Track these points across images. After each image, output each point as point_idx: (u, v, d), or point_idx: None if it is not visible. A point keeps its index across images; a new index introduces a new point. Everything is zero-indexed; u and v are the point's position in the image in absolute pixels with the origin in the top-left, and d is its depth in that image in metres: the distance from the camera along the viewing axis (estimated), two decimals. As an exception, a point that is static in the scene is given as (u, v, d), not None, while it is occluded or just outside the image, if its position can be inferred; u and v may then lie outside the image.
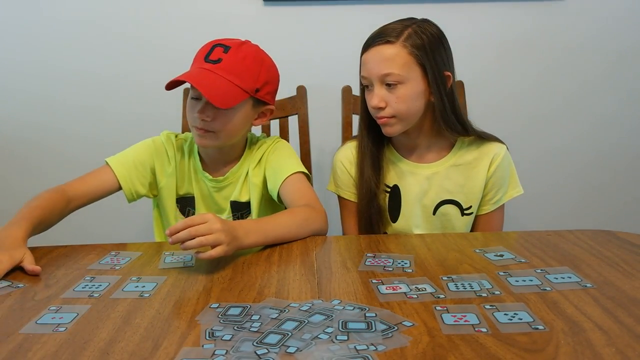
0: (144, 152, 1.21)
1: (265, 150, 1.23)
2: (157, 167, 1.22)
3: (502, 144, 1.22)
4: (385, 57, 1.10)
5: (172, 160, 1.22)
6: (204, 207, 1.24)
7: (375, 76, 1.12)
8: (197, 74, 1.08)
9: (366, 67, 1.13)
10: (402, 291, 0.79)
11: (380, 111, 1.13)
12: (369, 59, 1.13)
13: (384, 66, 1.10)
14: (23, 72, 1.77)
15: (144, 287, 0.83)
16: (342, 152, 1.26)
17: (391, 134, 1.16)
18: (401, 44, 1.10)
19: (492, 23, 1.76)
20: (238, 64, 1.10)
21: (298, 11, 1.75)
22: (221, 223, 0.87)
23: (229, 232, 0.88)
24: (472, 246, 0.98)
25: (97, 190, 1.15)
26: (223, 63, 1.08)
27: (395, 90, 1.11)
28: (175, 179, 1.23)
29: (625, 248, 0.95)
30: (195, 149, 1.24)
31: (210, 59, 1.10)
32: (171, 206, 1.24)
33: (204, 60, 1.10)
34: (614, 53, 1.81)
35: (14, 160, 1.84)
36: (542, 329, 0.67)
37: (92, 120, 1.81)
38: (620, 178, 1.91)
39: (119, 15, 1.74)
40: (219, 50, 1.10)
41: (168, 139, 1.24)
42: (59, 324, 0.72)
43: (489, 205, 1.23)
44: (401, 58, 1.10)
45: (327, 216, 1.09)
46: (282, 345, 0.64)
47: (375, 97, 1.12)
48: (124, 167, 1.18)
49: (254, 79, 1.11)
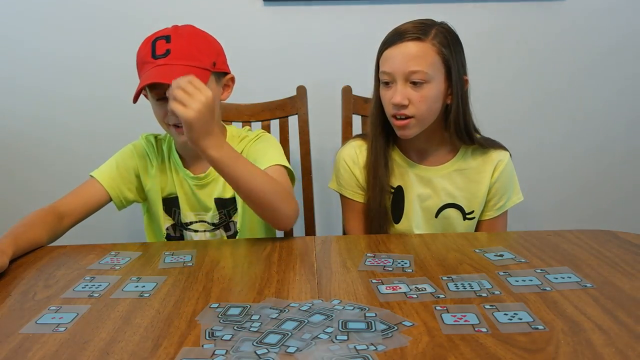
0: (126, 158, 1.21)
1: (247, 143, 1.21)
2: (140, 170, 1.21)
3: (506, 151, 1.22)
4: (413, 54, 1.08)
5: (153, 162, 1.21)
6: (188, 207, 1.22)
7: (400, 72, 1.09)
8: (155, 73, 1.04)
9: (391, 63, 1.10)
10: (402, 291, 0.79)
11: (402, 109, 1.10)
12: (395, 54, 1.10)
13: (412, 63, 1.08)
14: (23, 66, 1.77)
15: (144, 287, 0.83)
16: (345, 151, 1.26)
17: (407, 136, 1.14)
18: (430, 42, 1.09)
19: (491, 23, 1.76)
20: (187, 47, 1.07)
21: (298, 11, 1.75)
22: (206, 105, 0.91)
23: (205, 117, 0.91)
24: (472, 246, 0.98)
25: (88, 204, 1.14)
26: (173, 52, 1.05)
27: (420, 89, 1.09)
28: (159, 180, 1.22)
29: (626, 248, 0.95)
30: (173, 147, 1.22)
31: (158, 54, 1.06)
32: (159, 210, 1.23)
33: (152, 59, 1.06)
34: (614, 53, 1.80)
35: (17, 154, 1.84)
36: (542, 329, 0.67)
37: (94, 116, 1.81)
38: (621, 178, 1.90)
39: (119, 15, 1.73)
40: (162, 43, 1.07)
41: (148, 141, 1.23)
42: (59, 324, 0.72)
43: (493, 211, 1.23)
44: (430, 56, 1.08)
45: (297, 212, 1.05)
46: (282, 345, 0.64)
47: (399, 94, 1.09)
48: (109, 177, 1.17)
49: (207, 55, 1.08)
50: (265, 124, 1.49)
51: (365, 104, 1.45)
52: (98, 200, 1.16)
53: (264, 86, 1.65)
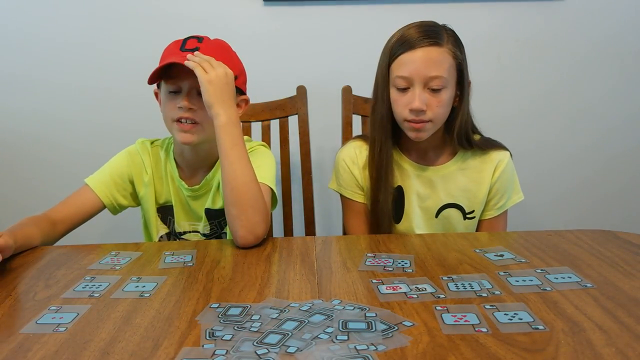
0: (120, 164, 1.20)
1: None
2: (134, 177, 1.20)
3: (506, 151, 1.23)
4: (434, 60, 1.07)
5: (148, 169, 1.20)
6: (183, 216, 1.22)
7: (420, 78, 1.08)
8: (180, 59, 1.05)
9: (409, 68, 1.08)
10: (402, 291, 0.79)
11: (420, 114, 1.09)
12: (414, 59, 1.08)
13: (432, 69, 1.07)
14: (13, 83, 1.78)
15: (144, 287, 0.83)
16: (345, 152, 1.26)
17: (420, 139, 1.14)
18: (447, 47, 1.08)
19: (491, 23, 1.76)
20: (216, 51, 1.08)
21: (298, 11, 1.75)
22: (225, 75, 1.02)
23: (222, 82, 1.01)
24: (472, 246, 0.98)
25: (80, 212, 1.13)
26: (202, 51, 1.06)
27: (438, 95, 1.09)
28: (154, 187, 1.21)
29: (626, 248, 0.95)
30: (171, 154, 1.21)
31: (186, 48, 1.07)
32: (153, 216, 1.22)
33: (180, 50, 1.07)
34: (614, 52, 1.80)
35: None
36: (542, 329, 0.67)
37: (96, 115, 1.81)
38: (621, 178, 1.90)
39: (118, 14, 1.73)
40: (193, 41, 1.09)
41: (143, 146, 1.22)
42: (59, 324, 0.72)
43: (493, 210, 1.23)
44: (447, 62, 1.08)
45: (262, 232, 1.01)
46: (282, 345, 0.64)
47: (417, 100, 1.08)
48: (103, 184, 1.17)
49: (231, 66, 1.09)
50: (265, 124, 1.49)
51: (365, 104, 1.45)
52: (91, 208, 1.15)
53: (264, 86, 1.65)
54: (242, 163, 1.02)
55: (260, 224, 1.00)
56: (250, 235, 0.99)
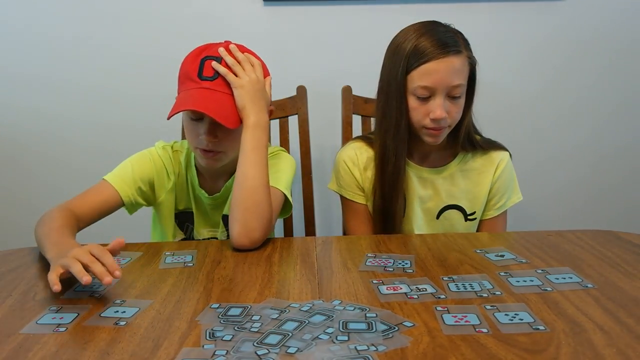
0: (143, 166, 1.16)
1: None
2: (156, 182, 1.17)
3: (506, 151, 1.23)
4: (456, 69, 1.06)
5: (172, 176, 1.18)
6: (202, 223, 1.21)
7: (444, 87, 1.06)
8: (199, 97, 1.03)
9: (433, 77, 1.06)
10: (402, 291, 0.79)
11: (441, 122, 1.09)
12: (439, 69, 1.05)
13: (456, 77, 1.06)
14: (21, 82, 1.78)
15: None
16: (345, 153, 1.25)
17: (436, 143, 1.14)
18: (465, 54, 1.08)
19: (491, 23, 1.76)
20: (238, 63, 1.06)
21: (298, 11, 1.75)
22: (256, 80, 1.05)
23: (254, 88, 1.04)
24: (473, 246, 0.98)
25: (102, 209, 1.10)
26: (221, 77, 1.04)
27: (457, 101, 1.09)
28: (175, 194, 1.19)
29: (627, 248, 0.95)
30: (192, 161, 1.19)
31: (205, 75, 1.05)
32: (170, 222, 1.21)
33: (198, 79, 1.05)
34: (614, 52, 1.80)
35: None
36: (543, 330, 0.67)
37: (99, 114, 1.81)
38: (621, 178, 1.90)
39: (118, 16, 1.73)
40: (211, 63, 1.05)
41: (165, 152, 1.19)
42: (59, 324, 0.71)
43: (493, 210, 1.23)
44: (466, 69, 1.09)
45: (260, 238, 1.00)
46: (283, 346, 0.64)
47: (440, 109, 1.06)
48: (124, 182, 1.13)
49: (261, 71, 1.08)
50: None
51: (366, 104, 1.45)
52: (111, 206, 1.12)
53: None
54: (258, 167, 1.02)
55: (257, 230, 0.99)
56: (246, 239, 0.99)
